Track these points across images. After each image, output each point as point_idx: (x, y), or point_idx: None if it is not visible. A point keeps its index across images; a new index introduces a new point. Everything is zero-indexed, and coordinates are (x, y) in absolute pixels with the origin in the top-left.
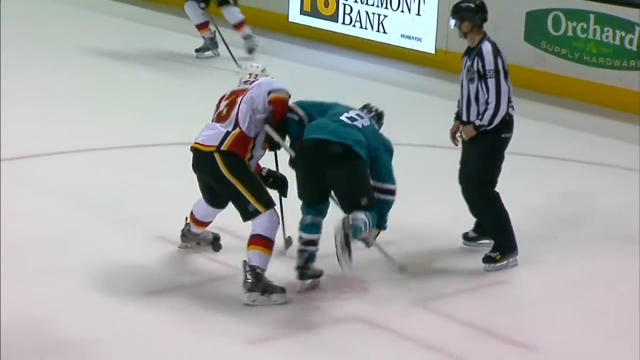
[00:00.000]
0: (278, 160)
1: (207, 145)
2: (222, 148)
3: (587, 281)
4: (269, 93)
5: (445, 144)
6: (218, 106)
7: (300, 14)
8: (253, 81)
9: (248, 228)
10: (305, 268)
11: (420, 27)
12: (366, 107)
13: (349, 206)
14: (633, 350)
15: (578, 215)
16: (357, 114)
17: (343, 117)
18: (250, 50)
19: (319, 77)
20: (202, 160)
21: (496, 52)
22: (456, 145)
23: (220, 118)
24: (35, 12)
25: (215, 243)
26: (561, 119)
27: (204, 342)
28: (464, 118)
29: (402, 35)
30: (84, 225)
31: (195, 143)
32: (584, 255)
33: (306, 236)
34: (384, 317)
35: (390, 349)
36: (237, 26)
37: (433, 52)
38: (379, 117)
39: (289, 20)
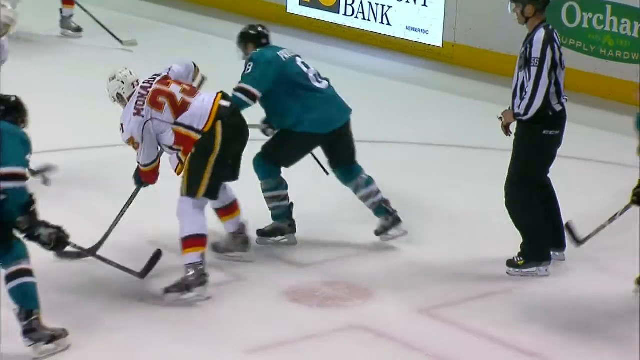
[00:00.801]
0: None
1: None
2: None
3: (609, 292)
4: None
5: (453, 142)
6: (169, 95)
7: (300, 4)
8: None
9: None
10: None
11: (427, 18)
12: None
13: (348, 164)
14: None
15: (599, 220)
16: (304, 63)
17: (317, 84)
18: (78, 30)
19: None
20: (239, 118)
21: (548, 41)
22: (507, 136)
23: (191, 92)
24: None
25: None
26: (576, 117)
27: (200, 351)
28: (511, 106)
29: (408, 28)
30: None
31: (223, 105)
32: (606, 264)
33: (285, 192)
34: (388, 325)
35: (395, 359)
36: (66, 2)
37: (440, 45)
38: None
39: (288, 11)
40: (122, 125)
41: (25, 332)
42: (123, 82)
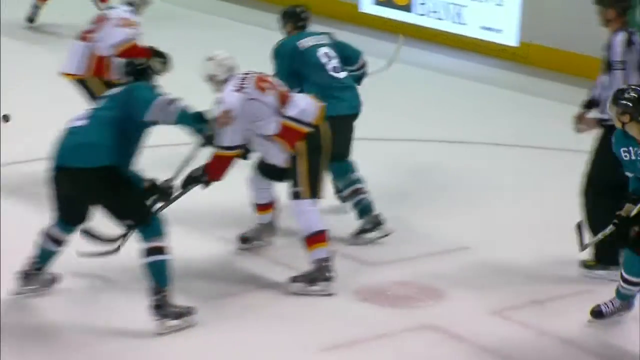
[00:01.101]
0: None
1: None
2: None
3: None
4: None
5: (521, 143)
6: (272, 83)
7: (373, 4)
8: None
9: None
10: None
11: (502, 17)
12: None
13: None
14: None
15: None
16: (327, 54)
17: (335, 74)
18: (30, 20)
19: (391, 71)
20: None
21: (628, 43)
22: (577, 132)
23: (288, 90)
24: None
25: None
26: None
27: (274, 349)
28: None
29: (482, 27)
30: None
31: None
32: None
33: (361, 186)
34: (460, 326)
35: None
36: None
37: (515, 44)
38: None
39: (360, 10)
40: (220, 99)
41: (153, 307)
42: (220, 65)
